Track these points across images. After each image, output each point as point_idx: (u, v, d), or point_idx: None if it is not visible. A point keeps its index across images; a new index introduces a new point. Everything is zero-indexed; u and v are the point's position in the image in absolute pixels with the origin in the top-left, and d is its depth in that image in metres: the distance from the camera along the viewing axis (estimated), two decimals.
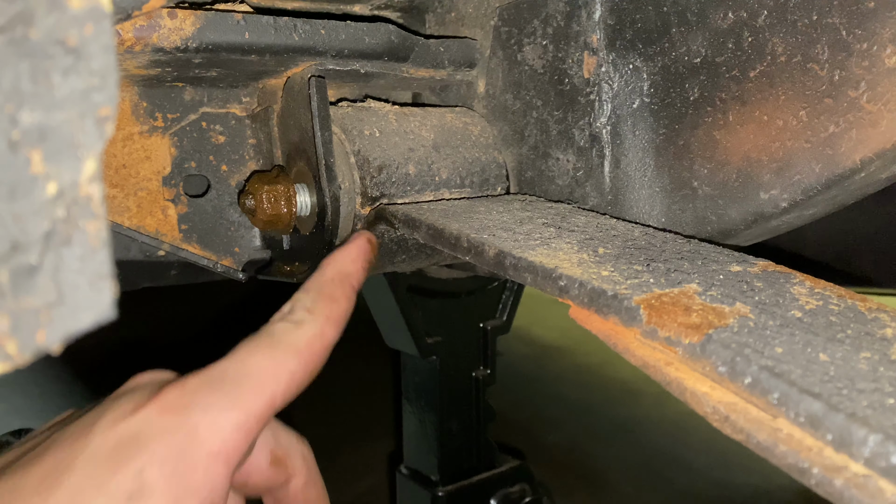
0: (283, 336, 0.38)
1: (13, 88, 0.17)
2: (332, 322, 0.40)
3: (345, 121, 0.50)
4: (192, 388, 0.35)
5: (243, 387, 0.35)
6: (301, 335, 0.38)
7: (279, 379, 0.36)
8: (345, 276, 0.42)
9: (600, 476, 1.53)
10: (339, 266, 0.43)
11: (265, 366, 0.36)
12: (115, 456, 0.32)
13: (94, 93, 0.17)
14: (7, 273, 0.16)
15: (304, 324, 0.39)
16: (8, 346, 0.16)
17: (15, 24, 0.16)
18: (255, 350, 0.37)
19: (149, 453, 0.32)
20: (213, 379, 0.35)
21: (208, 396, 0.34)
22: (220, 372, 0.36)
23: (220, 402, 0.34)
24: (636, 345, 0.32)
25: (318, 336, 0.38)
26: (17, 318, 0.16)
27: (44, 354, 0.17)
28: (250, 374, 0.36)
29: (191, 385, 0.35)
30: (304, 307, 0.40)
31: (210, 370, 0.36)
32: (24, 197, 0.17)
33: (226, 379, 0.35)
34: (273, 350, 0.37)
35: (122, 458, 0.32)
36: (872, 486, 0.23)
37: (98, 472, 0.31)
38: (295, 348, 0.37)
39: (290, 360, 0.37)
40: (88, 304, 0.17)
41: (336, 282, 0.42)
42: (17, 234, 0.17)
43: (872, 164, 0.36)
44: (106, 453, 0.32)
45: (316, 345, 0.38)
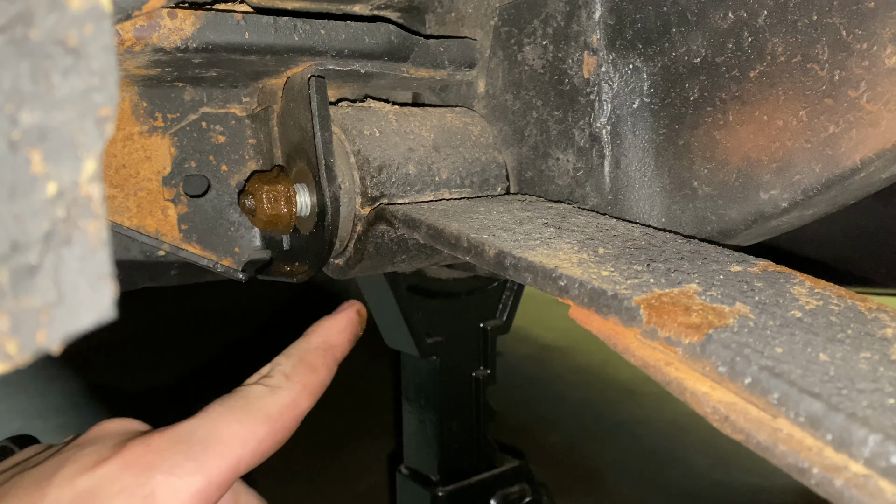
0: (257, 401, 0.37)
1: (13, 88, 0.17)
2: (308, 392, 0.39)
3: (345, 121, 0.50)
4: (157, 447, 0.34)
5: (209, 451, 0.34)
6: (274, 402, 0.37)
7: (246, 445, 0.35)
8: (329, 346, 0.42)
9: (600, 476, 1.53)
10: (325, 335, 0.42)
11: (234, 430, 0.35)
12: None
13: (94, 93, 0.17)
14: (7, 273, 0.16)
15: (279, 391, 0.38)
16: (8, 346, 0.16)
17: (15, 24, 0.16)
18: (225, 412, 0.36)
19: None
20: (179, 439, 0.34)
21: (172, 458, 0.34)
22: (188, 433, 0.35)
23: (183, 466, 0.33)
24: (636, 345, 0.32)
25: (291, 405, 0.38)
26: (17, 318, 0.16)
27: (44, 354, 0.17)
28: (218, 438, 0.35)
29: (156, 443, 0.34)
30: (283, 372, 0.39)
31: (177, 428, 0.35)
32: (24, 197, 0.17)
33: (192, 441, 0.34)
34: (244, 414, 0.36)
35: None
36: (872, 486, 0.23)
37: None
38: (266, 415, 0.37)
39: (259, 427, 0.36)
40: (88, 304, 0.17)
41: (319, 351, 0.41)
42: (17, 234, 0.17)
43: (872, 164, 0.36)
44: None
45: (288, 414, 0.38)
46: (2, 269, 0.16)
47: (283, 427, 0.37)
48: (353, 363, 1.87)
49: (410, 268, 0.57)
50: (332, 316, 0.44)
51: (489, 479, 0.95)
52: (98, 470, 0.33)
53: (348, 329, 0.43)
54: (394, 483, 0.99)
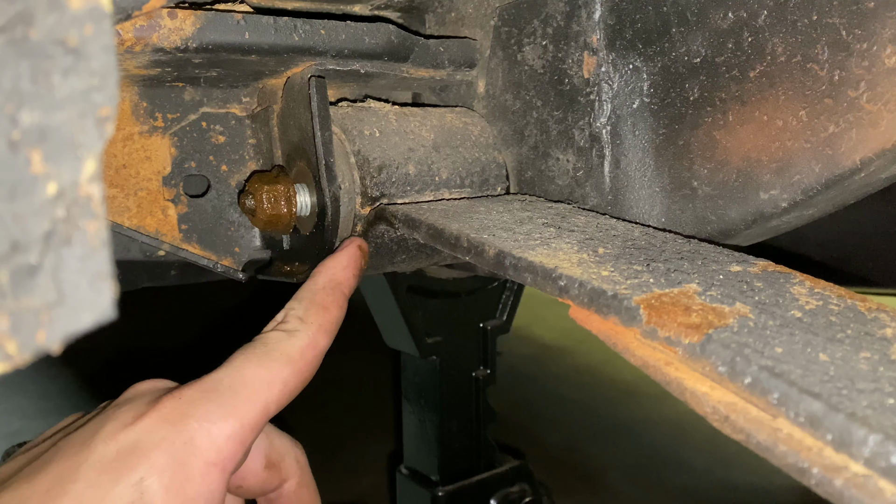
0: (277, 345, 0.38)
1: (13, 88, 0.17)
2: (324, 330, 0.41)
3: (345, 121, 0.50)
4: (189, 399, 0.35)
5: (238, 396, 0.36)
6: (294, 344, 0.39)
7: (273, 388, 0.37)
8: (336, 284, 0.43)
9: (600, 476, 1.53)
10: (330, 274, 0.44)
11: (259, 375, 0.37)
12: (117, 466, 0.33)
13: (94, 93, 0.17)
14: (7, 273, 0.16)
15: (296, 333, 0.39)
16: (8, 346, 0.16)
17: (15, 24, 0.16)
18: (249, 359, 0.37)
19: (148, 463, 0.33)
20: (208, 389, 0.36)
21: (204, 406, 0.35)
22: (216, 382, 0.36)
23: (215, 412, 0.35)
24: (636, 345, 0.32)
25: (310, 345, 0.39)
26: (17, 318, 0.16)
27: (44, 354, 0.17)
28: (245, 383, 0.36)
29: (187, 395, 0.36)
30: (297, 316, 0.40)
31: (205, 380, 0.37)
32: (24, 197, 0.17)
33: (221, 389, 0.36)
34: (266, 359, 0.38)
35: (124, 467, 0.33)
36: (872, 486, 0.23)
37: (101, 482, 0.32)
38: (288, 357, 0.38)
39: (283, 369, 0.38)
40: (88, 304, 0.17)
41: (328, 290, 0.43)
42: (17, 234, 0.17)
43: (872, 164, 0.36)
44: (108, 463, 0.33)
45: (309, 353, 0.39)
46: (2, 269, 0.16)
47: (306, 366, 0.39)
48: (353, 363, 1.87)
49: (410, 268, 0.57)
50: (334, 255, 0.45)
51: (489, 479, 0.95)
52: (137, 425, 0.34)
53: (352, 264, 0.44)
54: (394, 483, 0.99)
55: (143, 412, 0.35)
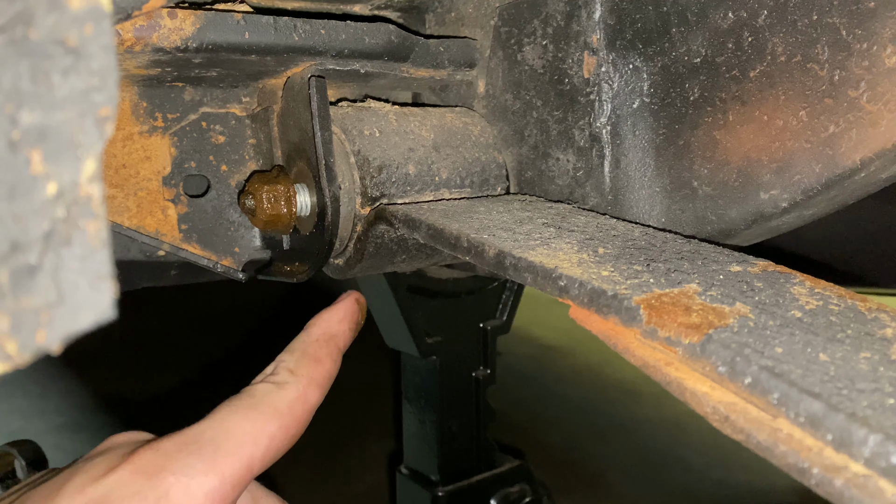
0: (264, 398, 0.37)
1: (13, 88, 0.17)
2: (316, 384, 0.39)
3: (345, 121, 0.50)
4: (166, 451, 0.34)
5: (220, 450, 0.34)
6: (283, 397, 0.37)
7: (258, 442, 0.35)
8: (331, 336, 0.42)
9: (600, 476, 1.53)
10: (325, 326, 0.42)
11: (244, 428, 0.35)
12: None
13: (94, 93, 0.17)
14: (7, 273, 0.16)
15: (286, 386, 0.38)
16: (8, 346, 0.16)
17: (15, 23, 0.16)
18: (233, 412, 0.36)
19: None
20: (188, 441, 0.34)
21: (183, 459, 0.33)
22: (197, 434, 0.35)
23: (194, 466, 0.33)
24: (636, 345, 0.32)
25: (300, 399, 0.38)
26: (17, 318, 0.16)
27: (44, 354, 0.17)
28: (228, 437, 0.35)
29: (165, 447, 0.34)
30: (287, 368, 0.39)
31: (186, 432, 0.35)
32: (24, 197, 0.17)
33: (202, 442, 0.34)
34: (253, 412, 0.36)
35: None
36: (872, 486, 0.23)
37: None
38: (276, 411, 0.36)
39: (270, 424, 0.36)
40: (88, 304, 0.17)
41: (321, 342, 0.41)
42: (17, 234, 0.17)
43: (872, 164, 0.36)
44: None
45: (298, 408, 0.37)
46: (2, 269, 0.16)
47: (295, 421, 0.37)
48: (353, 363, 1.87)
49: (410, 268, 0.57)
50: (330, 307, 0.43)
51: (489, 479, 0.95)
52: (109, 477, 0.33)
53: (348, 318, 0.43)
54: (394, 483, 0.99)
55: (116, 464, 0.33)
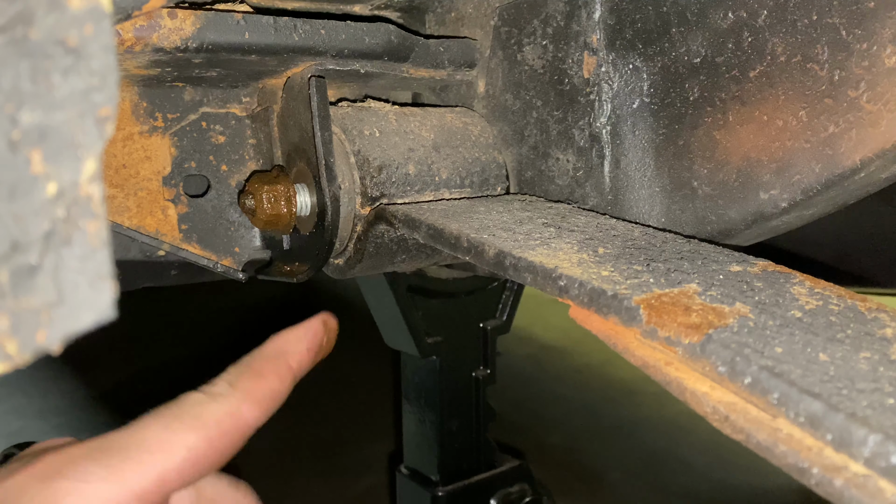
0: (190, 408, 0.34)
1: (13, 88, 0.17)
2: (253, 400, 0.36)
3: (345, 121, 0.50)
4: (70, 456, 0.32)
5: (127, 459, 0.32)
6: (212, 409, 0.35)
7: (172, 453, 0.33)
8: (281, 353, 0.39)
9: (600, 476, 1.53)
10: (279, 343, 0.40)
11: (159, 437, 0.33)
12: None
13: (94, 93, 0.17)
14: (7, 273, 0.16)
15: (219, 397, 0.35)
16: (8, 346, 0.16)
17: (15, 23, 0.16)
18: (155, 420, 0.34)
19: None
20: (97, 448, 0.32)
21: (83, 465, 0.31)
22: (110, 441, 0.33)
23: (94, 473, 0.31)
24: (636, 345, 0.32)
25: (230, 412, 0.35)
26: (17, 318, 0.16)
27: (44, 354, 0.17)
28: (139, 445, 0.32)
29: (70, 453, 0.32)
30: (227, 380, 0.37)
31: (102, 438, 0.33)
32: (24, 197, 0.17)
33: (111, 449, 0.32)
34: (175, 422, 0.34)
35: None
36: (872, 486, 0.23)
37: None
38: (200, 422, 0.34)
39: (189, 435, 0.33)
40: (88, 304, 0.17)
41: (269, 358, 0.39)
42: (17, 234, 0.17)
43: (872, 164, 0.36)
44: None
45: (226, 422, 0.35)
46: (2, 269, 0.16)
47: (221, 436, 0.34)
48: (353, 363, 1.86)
49: (410, 268, 0.57)
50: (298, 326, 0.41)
51: (489, 478, 0.95)
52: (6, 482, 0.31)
53: (308, 338, 0.40)
54: (394, 483, 0.99)
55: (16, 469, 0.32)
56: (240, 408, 0.35)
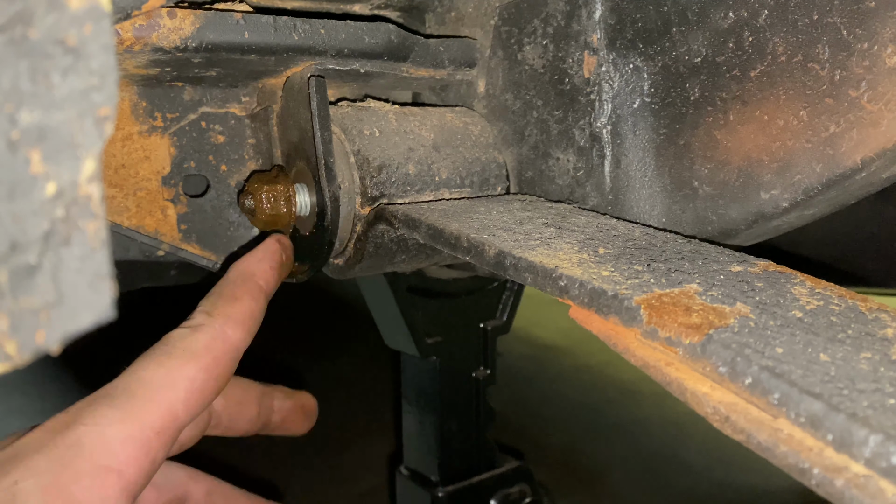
0: (178, 342, 0.35)
1: (12, 88, 0.16)
2: (235, 321, 0.37)
3: (344, 120, 0.50)
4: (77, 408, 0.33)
5: (135, 399, 0.33)
6: (198, 339, 0.36)
7: (176, 387, 0.34)
8: (248, 275, 0.40)
9: (600, 476, 1.53)
10: (241, 267, 0.41)
11: (158, 375, 0.34)
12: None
13: (94, 92, 0.17)
14: (6, 273, 0.16)
15: (201, 327, 0.36)
16: (7, 346, 0.16)
17: (14, 23, 0.16)
18: (148, 361, 0.34)
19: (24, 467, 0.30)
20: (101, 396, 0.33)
21: (95, 410, 0.32)
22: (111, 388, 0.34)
23: (108, 415, 0.32)
24: (636, 345, 0.32)
25: (217, 337, 0.36)
26: (17, 318, 0.16)
27: (43, 354, 0.17)
28: (142, 385, 0.33)
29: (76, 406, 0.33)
30: (203, 311, 0.38)
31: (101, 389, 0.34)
32: (24, 197, 0.17)
33: (115, 394, 0.33)
34: (167, 358, 0.34)
35: None
36: (873, 487, 0.23)
37: None
38: (191, 353, 0.35)
39: (186, 367, 0.34)
40: (88, 304, 0.17)
41: (238, 282, 0.40)
42: (17, 234, 0.16)
43: (873, 164, 0.36)
44: None
45: (217, 347, 0.36)
46: (1, 269, 0.16)
47: (215, 361, 0.35)
48: (353, 363, 1.87)
49: (410, 268, 0.57)
50: (253, 250, 0.42)
51: (489, 479, 0.95)
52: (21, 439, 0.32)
53: (268, 257, 0.42)
54: (394, 483, 0.99)
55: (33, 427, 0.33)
56: (224, 331, 0.36)
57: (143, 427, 0.32)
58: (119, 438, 0.31)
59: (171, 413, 0.33)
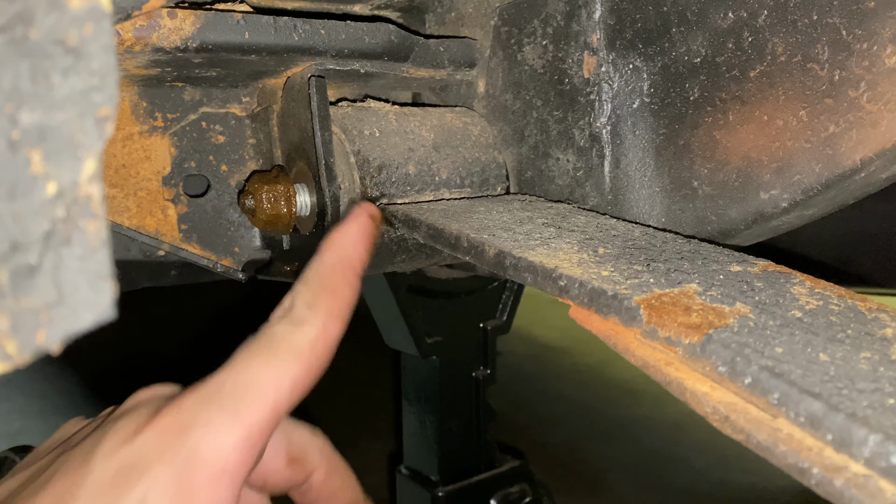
0: (284, 340, 0.36)
1: (13, 88, 0.16)
2: (336, 317, 0.37)
3: (345, 121, 0.50)
4: (190, 407, 0.33)
5: (243, 399, 0.33)
6: (303, 337, 0.36)
7: (281, 387, 0.34)
8: (347, 262, 0.39)
9: (600, 476, 1.53)
10: (339, 252, 0.40)
11: (265, 375, 0.34)
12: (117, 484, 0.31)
13: (94, 93, 0.17)
14: (7, 273, 0.16)
15: (305, 323, 0.36)
16: (8, 346, 0.16)
17: (15, 23, 0.16)
18: (253, 358, 0.35)
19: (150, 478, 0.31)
20: (210, 394, 0.34)
21: (206, 414, 0.33)
22: (219, 385, 0.34)
23: (218, 419, 0.33)
24: (636, 345, 0.32)
25: (320, 336, 0.36)
26: (17, 318, 0.16)
27: (44, 354, 0.17)
28: (249, 385, 0.34)
29: (188, 403, 0.34)
30: (305, 303, 0.37)
31: (207, 384, 0.34)
32: (24, 197, 0.17)
33: (223, 393, 0.34)
34: (273, 357, 0.35)
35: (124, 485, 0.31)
36: (873, 487, 0.23)
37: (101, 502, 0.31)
38: (297, 351, 0.35)
39: (292, 366, 0.35)
40: (88, 304, 0.17)
41: (337, 271, 0.39)
42: (17, 234, 0.17)
43: (872, 164, 0.36)
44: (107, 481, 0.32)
45: (320, 345, 0.36)
46: (2, 269, 0.16)
47: (317, 360, 0.36)
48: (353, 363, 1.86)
49: (410, 268, 0.57)
50: (342, 227, 0.40)
51: (489, 479, 0.95)
52: (137, 439, 0.33)
53: (363, 239, 0.40)
54: (394, 483, 0.99)
55: (143, 424, 0.33)
56: (327, 328, 0.36)
57: (251, 428, 0.33)
58: (230, 444, 0.33)
59: (276, 413, 0.34)
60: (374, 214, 0.41)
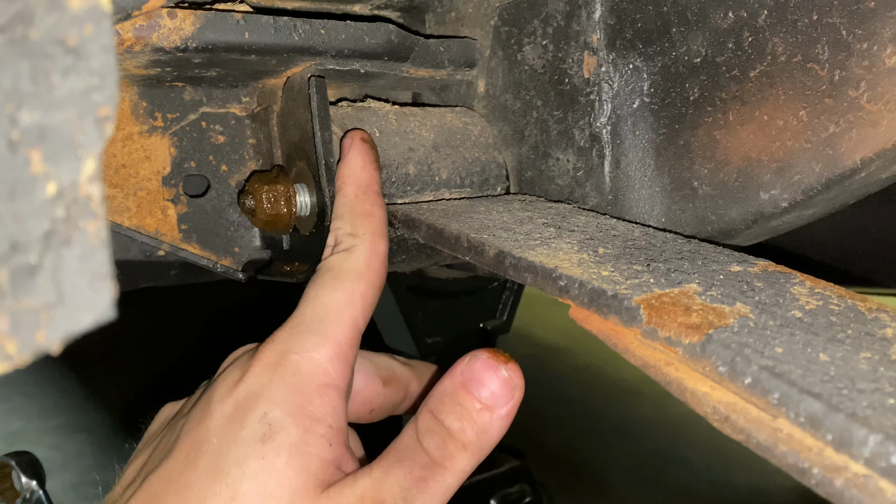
0: (342, 266, 0.40)
1: (13, 88, 0.16)
2: (378, 234, 0.42)
3: (345, 121, 0.50)
4: (282, 340, 0.38)
5: (326, 322, 0.38)
6: (357, 259, 0.40)
7: (354, 304, 0.39)
8: (365, 186, 0.44)
9: (600, 476, 1.53)
10: (355, 180, 0.44)
11: (337, 298, 0.39)
12: (238, 414, 0.35)
13: (94, 93, 0.17)
14: (7, 273, 0.16)
15: (355, 248, 0.41)
16: (8, 346, 0.16)
17: (14, 23, 0.16)
18: (322, 288, 0.40)
19: (266, 400, 0.36)
20: (296, 325, 0.38)
21: (299, 341, 0.38)
22: (301, 317, 0.39)
23: (310, 341, 0.37)
24: (636, 345, 0.32)
25: (372, 254, 0.41)
26: (17, 318, 0.16)
27: (43, 354, 0.17)
28: (327, 309, 0.39)
29: (279, 338, 0.38)
30: (347, 233, 0.42)
31: (291, 321, 0.39)
32: (24, 197, 0.17)
33: (307, 321, 0.38)
34: (338, 281, 0.40)
35: (245, 412, 0.35)
36: (873, 487, 0.23)
37: (229, 433, 0.35)
38: (357, 273, 0.40)
39: (357, 285, 0.40)
40: (88, 304, 0.17)
41: (361, 197, 0.43)
42: (17, 234, 0.17)
43: (872, 164, 0.36)
44: (230, 416, 0.36)
45: (374, 262, 0.41)
46: (2, 269, 0.16)
47: (376, 274, 0.41)
48: None
49: (410, 268, 0.57)
50: (345, 159, 0.45)
51: (489, 479, 0.95)
52: (245, 380, 0.37)
53: (368, 161, 0.45)
54: None
55: (247, 367, 0.37)
56: (375, 246, 0.41)
57: (340, 344, 0.38)
58: (326, 358, 0.37)
59: (355, 327, 0.39)
60: (364, 137, 0.46)
